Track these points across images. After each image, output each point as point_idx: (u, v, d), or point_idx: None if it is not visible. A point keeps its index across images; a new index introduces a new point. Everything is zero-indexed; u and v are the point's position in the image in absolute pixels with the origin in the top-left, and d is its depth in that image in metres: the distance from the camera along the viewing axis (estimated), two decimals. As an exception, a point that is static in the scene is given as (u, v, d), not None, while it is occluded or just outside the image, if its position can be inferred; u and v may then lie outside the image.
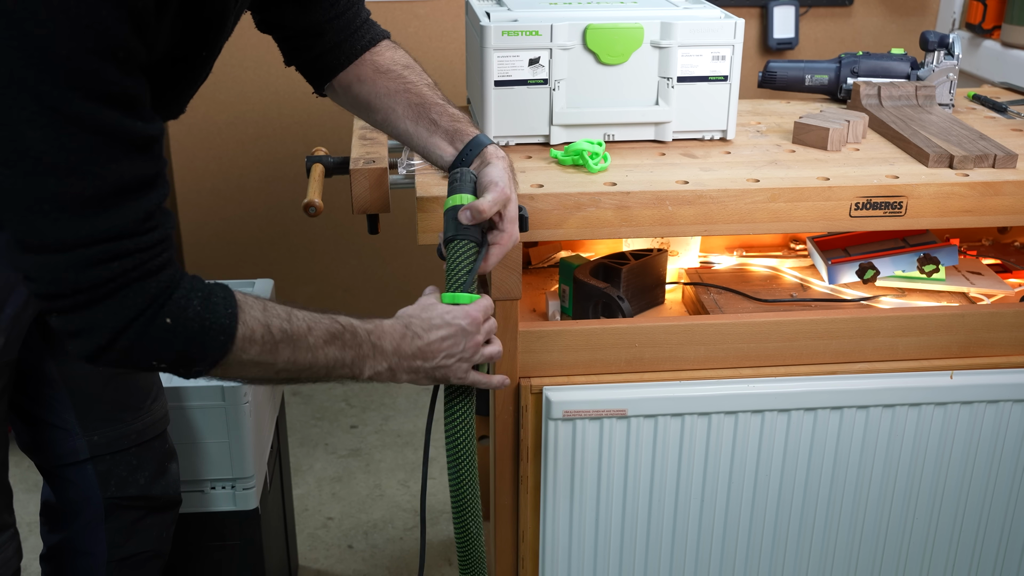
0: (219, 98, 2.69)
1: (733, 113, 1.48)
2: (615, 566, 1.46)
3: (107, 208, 0.86)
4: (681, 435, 1.38)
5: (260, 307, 1.00)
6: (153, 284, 0.90)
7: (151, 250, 0.90)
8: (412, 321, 1.13)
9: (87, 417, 1.36)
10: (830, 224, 1.35)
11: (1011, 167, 1.39)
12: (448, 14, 2.71)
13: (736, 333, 1.37)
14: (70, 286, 0.87)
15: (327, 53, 1.29)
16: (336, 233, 2.89)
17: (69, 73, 0.81)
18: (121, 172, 0.86)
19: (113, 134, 0.85)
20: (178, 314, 0.92)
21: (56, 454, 1.38)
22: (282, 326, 1.00)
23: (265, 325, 0.99)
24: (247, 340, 0.97)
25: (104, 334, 0.89)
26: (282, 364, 1.01)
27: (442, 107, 1.25)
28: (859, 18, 2.87)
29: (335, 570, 2.16)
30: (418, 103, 1.26)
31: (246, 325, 0.97)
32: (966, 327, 1.40)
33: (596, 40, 1.40)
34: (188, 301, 0.93)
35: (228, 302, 0.97)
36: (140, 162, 0.88)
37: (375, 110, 1.29)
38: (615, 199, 1.29)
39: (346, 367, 1.07)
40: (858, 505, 1.46)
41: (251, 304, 1.00)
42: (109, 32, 0.82)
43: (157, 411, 1.45)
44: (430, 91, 1.27)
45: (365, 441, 2.61)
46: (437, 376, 1.14)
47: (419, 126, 1.25)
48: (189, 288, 0.94)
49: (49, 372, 1.32)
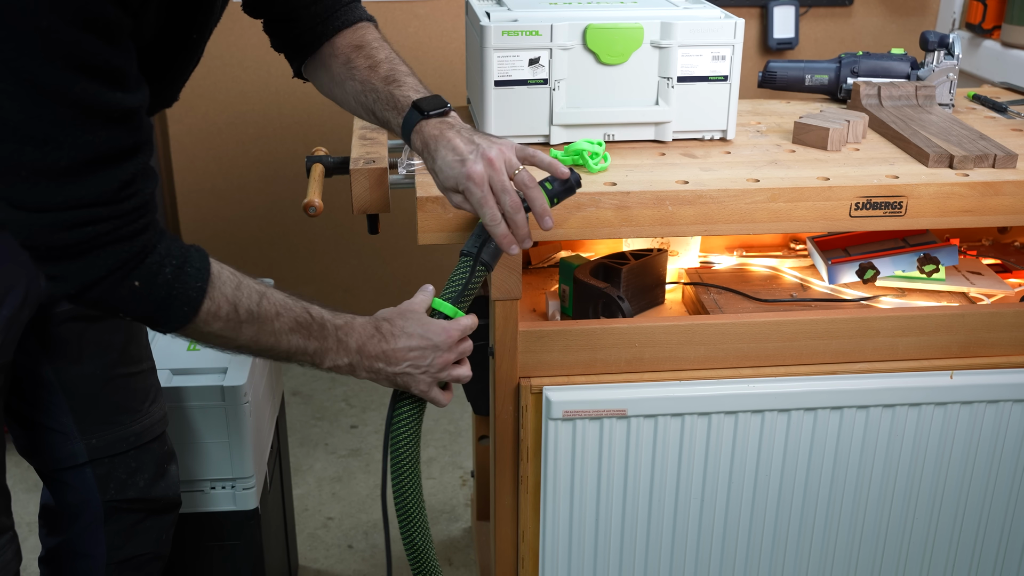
0: (219, 98, 2.69)
1: (733, 113, 1.48)
2: (615, 566, 1.46)
3: (83, 177, 0.88)
4: (681, 435, 1.38)
5: (234, 284, 1.03)
6: (125, 248, 0.93)
7: (126, 217, 0.92)
8: (383, 324, 1.15)
9: (85, 420, 1.35)
10: (830, 224, 1.35)
11: (1011, 167, 1.39)
12: (448, 14, 2.71)
13: (736, 333, 1.37)
14: (44, 243, 0.91)
15: (305, 33, 1.29)
16: (336, 233, 2.90)
17: (48, 46, 0.82)
18: (98, 144, 0.88)
19: (91, 107, 0.86)
20: (147, 279, 0.95)
21: (54, 458, 1.38)
22: (250, 307, 1.03)
23: (233, 304, 1.02)
24: (211, 315, 1.00)
25: (74, 285, 0.93)
26: (244, 341, 1.05)
27: (407, 69, 1.25)
28: (859, 18, 2.87)
29: (335, 570, 2.16)
30: (365, 78, 1.25)
31: (213, 300, 1.00)
32: (966, 327, 1.40)
33: (596, 40, 1.40)
34: (160, 268, 0.96)
35: (200, 274, 0.99)
36: (118, 133, 0.90)
37: (346, 83, 1.27)
38: (615, 199, 1.29)
39: (308, 355, 1.10)
40: (858, 505, 1.46)
41: (225, 280, 1.02)
42: (90, 3, 0.83)
43: (155, 413, 1.45)
44: (397, 65, 1.26)
45: (365, 441, 2.61)
46: (399, 382, 1.16)
47: (389, 87, 1.23)
48: (164, 254, 0.97)
49: (46, 376, 1.32)
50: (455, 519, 2.29)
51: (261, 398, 1.76)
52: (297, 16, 1.28)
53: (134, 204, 0.93)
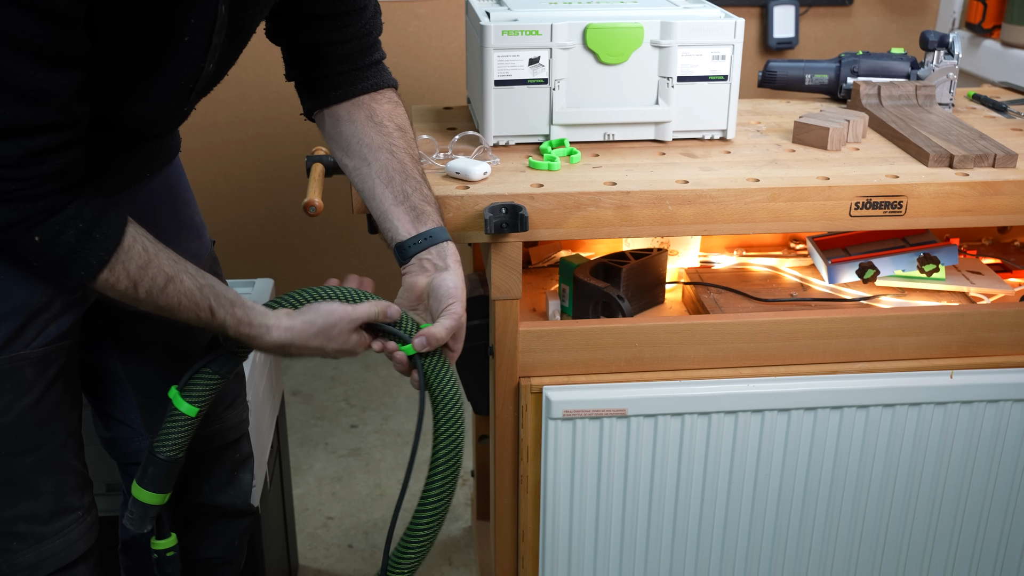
0: (219, 98, 2.68)
1: (733, 113, 1.48)
2: (615, 566, 1.46)
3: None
4: (681, 435, 1.38)
5: (141, 262, 1.04)
6: (28, 207, 0.96)
7: (30, 181, 0.95)
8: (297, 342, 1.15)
9: (152, 419, 1.35)
10: (830, 224, 1.35)
11: (1011, 167, 1.39)
12: (448, 14, 2.71)
13: (736, 333, 1.37)
14: None
15: (325, 79, 1.27)
16: (336, 233, 2.90)
17: None
18: (8, 117, 0.91)
19: (4, 80, 0.89)
20: (49, 237, 0.99)
21: (122, 452, 1.39)
22: (151, 289, 1.05)
23: (133, 282, 1.04)
24: (107, 285, 1.03)
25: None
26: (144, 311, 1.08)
27: (418, 183, 1.23)
28: (859, 18, 2.87)
29: (335, 570, 2.16)
30: (398, 168, 1.23)
31: (113, 272, 1.02)
32: (966, 327, 1.40)
33: (596, 40, 1.40)
34: (64, 228, 0.99)
35: (108, 244, 1.01)
36: (30, 112, 0.92)
37: (353, 155, 1.26)
38: (615, 199, 1.29)
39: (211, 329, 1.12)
40: (858, 505, 1.46)
41: (133, 256, 1.03)
42: None
43: (229, 420, 1.43)
44: (412, 163, 1.25)
45: (365, 441, 2.61)
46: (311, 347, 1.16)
47: (388, 190, 1.22)
48: (72, 216, 0.99)
49: (114, 369, 1.33)
50: (455, 519, 2.29)
51: (261, 397, 1.75)
52: (323, 54, 1.25)
53: (42, 172, 0.96)
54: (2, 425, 1.11)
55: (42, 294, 1.12)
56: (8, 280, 1.09)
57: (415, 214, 1.21)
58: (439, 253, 1.19)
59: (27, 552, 1.15)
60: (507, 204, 1.26)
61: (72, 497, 1.20)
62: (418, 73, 2.75)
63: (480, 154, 1.40)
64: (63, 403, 1.18)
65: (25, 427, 1.13)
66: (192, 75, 1.10)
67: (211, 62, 1.11)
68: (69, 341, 1.18)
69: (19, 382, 1.11)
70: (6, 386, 1.11)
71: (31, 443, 1.14)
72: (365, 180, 1.24)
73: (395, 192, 1.22)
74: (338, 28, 1.25)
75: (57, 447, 1.17)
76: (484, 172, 1.32)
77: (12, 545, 1.14)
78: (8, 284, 1.09)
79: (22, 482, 1.14)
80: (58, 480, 1.18)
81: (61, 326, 1.15)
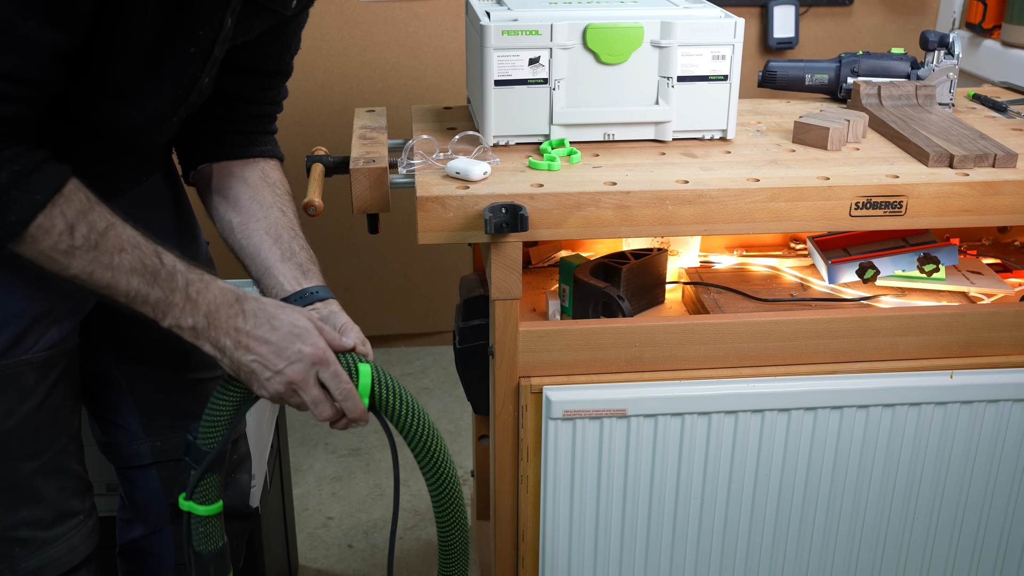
0: (219, 98, 2.69)
1: (733, 113, 1.48)
2: (615, 566, 1.46)
3: None
4: (681, 435, 1.38)
5: (80, 207, 0.98)
6: None
7: None
8: (250, 301, 1.08)
9: (151, 423, 1.35)
10: (830, 224, 1.35)
11: (1011, 166, 1.39)
12: (448, 14, 2.71)
13: (736, 333, 1.37)
14: None
15: (231, 134, 1.28)
16: (336, 233, 2.89)
17: None
18: None
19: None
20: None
21: (121, 456, 1.39)
22: (89, 234, 0.99)
23: (69, 224, 0.97)
24: (42, 230, 0.96)
25: None
26: (76, 271, 1.00)
27: (305, 244, 1.25)
28: (859, 18, 2.87)
29: (335, 570, 2.16)
30: (288, 226, 1.24)
31: (49, 217, 0.96)
32: (966, 327, 1.40)
33: (596, 40, 1.40)
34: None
35: (44, 189, 0.96)
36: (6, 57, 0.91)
37: (241, 211, 1.25)
38: (615, 199, 1.29)
39: (148, 305, 1.03)
40: (858, 505, 1.46)
41: (72, 202, 0.98)
42: None
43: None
44: (300, 226, 1.27)
45: (365, 441, 2.61)
46: (242, 372, 1.08)
47: (276, 246, 1.22)
48: (7, 160, 0.95)
49: (112, 374, 1.33)
50: (455, 519, 2.29)
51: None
52: (236, 109, 1.27)
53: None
54: (5, 430, 1.10)
55: (43, 299, 1.11)
56: (9, 286, 1.08)
57: (302, 271, 1.21)
58: (326, 306, 1.18)
59: (30, 558, 1.15)
60: (507, 204, 1.26)
61: (74, 501, 1.20)
62: (418, 73, 2.75)
63: (480, 154, 1.40)
64: (64, 407, 1.18)
65: (27, 432, 1.12)
66: (187, 85, 1.11)
67: (207, 75, 1.12)
68: (70, 345, 1.18)
69: (21, 387, 1.11)
70: (9, 391, 1.10)
71: (33, 448, 1.14)
72: (251, 236, 1.24)
73: (283, 248, 1.22)
74: (260, 88, 1.28)
75: (59, 451, 1.17)
76: (484, 172, 1.32)
77: (15, 551, 1.14)
78: (9, 290, 1.09)
79: (24, 487, 1.14)
80: (60, 485, 1.18)
81: (62, 330, 1.15)
